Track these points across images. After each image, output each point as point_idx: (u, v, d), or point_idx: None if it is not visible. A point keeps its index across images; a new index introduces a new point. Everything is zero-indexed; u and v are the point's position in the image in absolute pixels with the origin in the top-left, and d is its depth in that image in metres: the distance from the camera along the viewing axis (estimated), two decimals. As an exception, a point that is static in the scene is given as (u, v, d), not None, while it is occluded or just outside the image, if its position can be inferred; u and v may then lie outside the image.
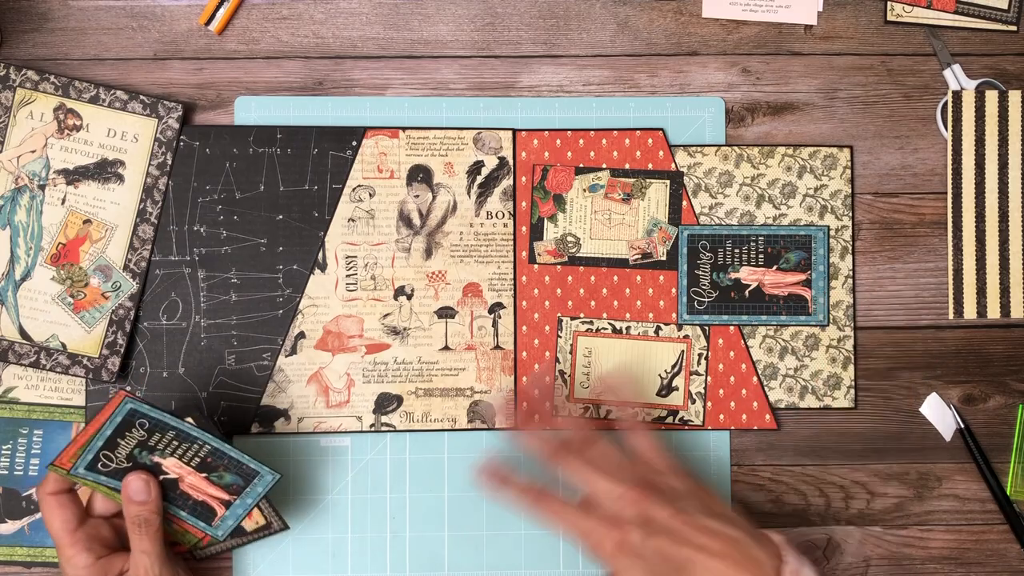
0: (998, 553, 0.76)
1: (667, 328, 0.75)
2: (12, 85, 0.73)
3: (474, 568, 0.74)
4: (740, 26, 0.77)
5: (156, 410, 0.63)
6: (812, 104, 0.77)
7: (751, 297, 0.75)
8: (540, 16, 0.77)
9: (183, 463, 0.66)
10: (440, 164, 0.75)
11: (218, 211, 0.74)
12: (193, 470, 0.66)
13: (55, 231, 0.73)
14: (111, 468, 0.65)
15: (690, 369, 0.75)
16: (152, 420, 0.63)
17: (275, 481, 0.66)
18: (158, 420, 0.64)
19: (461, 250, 0.75)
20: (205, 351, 0.74)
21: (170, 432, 0.64)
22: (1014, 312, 0.77)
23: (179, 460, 0.65)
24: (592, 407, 0.75)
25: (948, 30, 0.78)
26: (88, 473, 0.64)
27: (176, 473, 0.66)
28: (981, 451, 0.76)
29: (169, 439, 0.64)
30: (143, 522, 0.64)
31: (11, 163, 0.73)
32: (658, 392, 0.75)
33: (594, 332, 0.75)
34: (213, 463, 0.66)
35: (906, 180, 0.77)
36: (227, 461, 0.66)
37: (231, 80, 0.76)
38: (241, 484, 0.67)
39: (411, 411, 0.74)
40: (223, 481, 0.67)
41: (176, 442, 0.65)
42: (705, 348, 0.75)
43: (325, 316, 0.74)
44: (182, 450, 0.65)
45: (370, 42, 0.76)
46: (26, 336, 0.72)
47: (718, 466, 0.75)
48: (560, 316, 0.75)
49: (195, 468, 0.66)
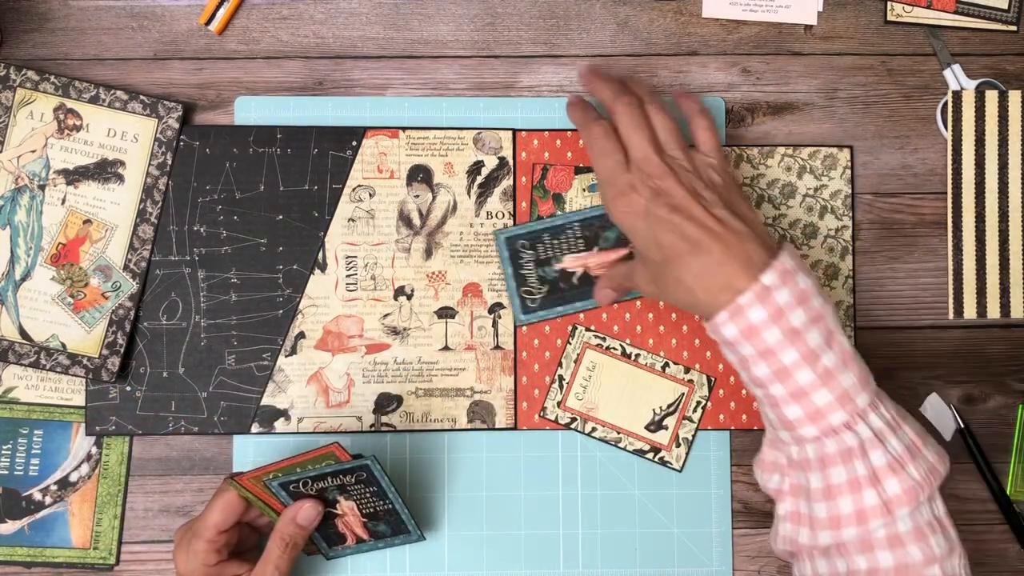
0: (998, 553, 0.76)
1: (675, 367, 0.75)
2: (12, 85, 0.73)
3: (474, 568, 0.74)
4: (740, 26, 0.77)
5: (384, 477, 0.65)
6: (812, 104, 0.77)
7: (581, 283, 0.75)
8: (540, 16, 0.77)
9: (358, 510, 0.68)
10: (440, 164, 0.75)
11: (218, 211, 0.74)
12: (360, 516, 0.68)
13: (55, 231, 0.73)
14: (298, 492, 0.66)
15: (684, 413, 0.75)
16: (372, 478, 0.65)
17: (416, 541, 0.70)
18: (377, 481, 0.65)
19: (461, 250, 0.75)
20: (205, 351, 0.74)
21: (373, 488, 0.66)
22: (1014, 312, 0.77)
23: (356, 505, 0.67)
24: (579, 419, 0.75)
25: (948, 30, 0.78)
26: (280, 489, 0.65)
27: (344, 514, 0.68)
28: (981, 451, 0.76)
29: (366, 491, 0.66)
30: (292, 543, 0.66)
31: (11, 163, 0.73)
32: (647, 425, 0.75)
33: (604, 349, 0.75)
34: (380, 514, 0.68)
35: (906, 180, 0.77)
36: (394, 517, 0.68)
37: (231, 80, 0.76)
38: (388, 534, 0.69)
39: (411, 411, 0.74)
40: (376, 528, 0.69)
41: (369, 495, 0.66)
42: (705, 398, 0.75)
43: (325, 316, 0.74)
44: (367, 501, 0.67)
45: (370, 42, 0.76)
46: (26, 336, 0.72)
47: (718, 466, 0.75)
48: (575, 325, 0.75)
49: (363, 514, 0.68)
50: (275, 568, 0.65)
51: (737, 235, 0.61)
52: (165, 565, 0.74)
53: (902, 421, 0.62)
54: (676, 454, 0.75)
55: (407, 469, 0.74)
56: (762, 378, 0.61)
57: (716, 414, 0.75)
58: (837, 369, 0.60)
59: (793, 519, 0.64)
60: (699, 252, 0.61)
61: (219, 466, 0.74)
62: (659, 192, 0.63)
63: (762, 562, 0.75)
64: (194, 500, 0.74)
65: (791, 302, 0.59)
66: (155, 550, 0.74)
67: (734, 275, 0.60)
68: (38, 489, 0.73)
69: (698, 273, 0.61)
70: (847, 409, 0.60)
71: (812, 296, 0.60)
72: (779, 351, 0.59)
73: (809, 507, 0.62)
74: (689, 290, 0.62)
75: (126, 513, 0.74)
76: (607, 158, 0.66)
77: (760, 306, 0.59)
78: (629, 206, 0.64)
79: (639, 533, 0.75)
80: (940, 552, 0.60)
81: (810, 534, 0.62)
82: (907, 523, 0.60)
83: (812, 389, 0.60)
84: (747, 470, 0.75)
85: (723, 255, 0.61)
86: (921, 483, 0.60)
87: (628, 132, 0.66)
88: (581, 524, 0.75)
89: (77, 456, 0.73)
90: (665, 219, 0.63)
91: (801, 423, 0.61)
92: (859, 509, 0.60)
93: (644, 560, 0.75)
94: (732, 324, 0.60)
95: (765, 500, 0.75)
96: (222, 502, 0.66)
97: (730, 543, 0.75)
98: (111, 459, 0.73)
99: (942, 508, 0.62)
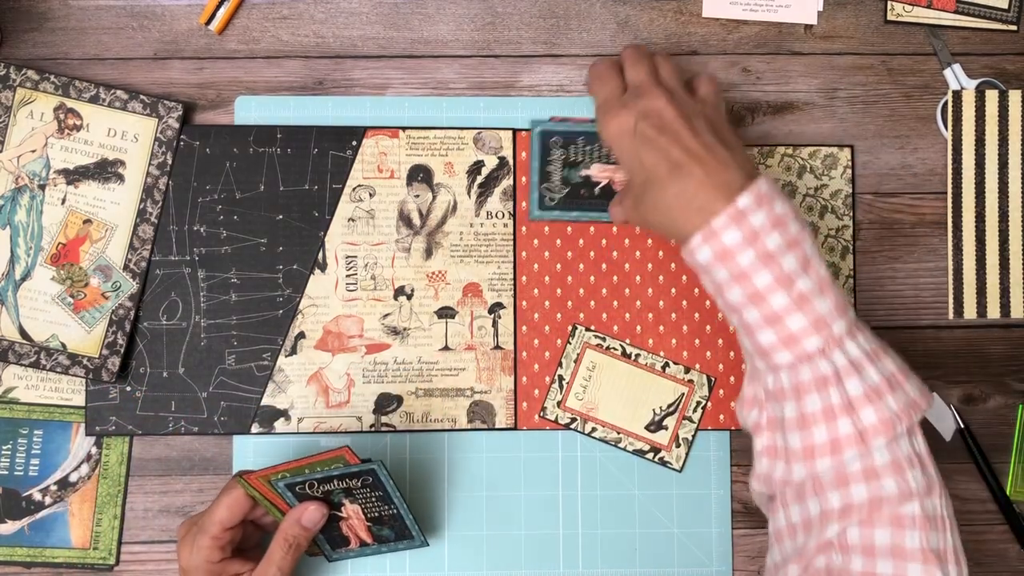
0: (998, 553, 0.76)
1: (675, 367, 0.75)
2: (12, 85, 0.73)
3: (474, 568, 0.74)
4: (740, 26, 0.77)
5: (390, 482, 0.65)
6: (812, 104, 0.77)
7: (602, 194, 0.75)
8: (540, 16, 0.77)
9: (363, 514, 0.68)
10: (440, 164, 0.75)
11: (218, 211, 0.74)
12: (365, 520, 0.68)
13: (55, 231, 0.73)
14: (303, 493, 0.66)
15: (684, 413, 0.75)
16: (378, 483, 0.65)
17: (420, 546, 0.70)
18: (383, 485, 0.65)
19: (461, 250, 0.75)
20: (205, 351, 0.74)
21: (378, 492, 0.66)
22: (1014, 312, 0.77)
23: (361, 509, 0.67)
24: (579, 419, 0.75)
25: (948, 30, 0.78)
26: (286, 490, 0.65)
27: (349, 517, 0.68)
28: (981, 451, 0.76)
29: (371, 496, 0.66)
30: (296, 545, 0.66)
31: (11, 163, 0.73)
32: (647, 425, 0.75)
33: (604, 349, 0.75)
34: (384, 519, 0.68)
35: (906, 180, 0.77)
36: (398, 522, 0.68)
37: (231, 80, 0.75)
38: (392, 539, 0.69)
39: (411, 411, 0.74)
40: (380, 532, 0.69)
41: (374, 500, 0.66)
42: (706, 398, 0.75)
43: (325, 316, 0.74)
44: (372, 505, 0.67)
45: (370, 42, 0.76)
46: (26, 336, 0.72)
47: (718, 466, 0.75)
48: (576, 325, 0.75)
49: (367, 518, 0.68)
50: (278, 569, 0.65)
51: (720, 161, 0.61)
52: (165, 565, 0.74)
53: (883, 353, 0.61)
54: (676, 454, 0.75)
55: (407, 469, 0.74)
56: (736, 303, 0.60)
57: (716, 414, 0.75)
58: (813, 294, 0.59)
59: (769, 453, 0.62)
60: (680, 175, 0.61)
61: (219, 466, 0.74)
62: (649, 112, 0.63)
63: (762, 562, 0.75)
64: (194, 500, 0.74)
65: (766, 225, 0.59)
66: (155, 550, 0.74)
67: (711, 199, 0.60)
68: (38, 489, 0.73)
69: (676, 195, 0.61)
70: (822, 335, 0.59)
71: (789, 222, 0.60)
72: (752, 274, 0.59)
73: (784, 439, 0.61)
74: (666, 213, 0.62)
75: (126, 513, 0.74)
76: (605, 84, 0.67)
77: (735, 228, 0.59)
78: (619, 125, 0.64)
79: (639, 533, 0.75)
80: (917, 487, 0.58)
81: (785, 468, 0.61)
82: (883, 455, 0.58)
83: (786, 313, 0.59)
84: (747, 470, 0.75)
85: (702, 179, 0.60)
86: (899, 414, 0.58)
87: (629, 65, 0.67)
88: (581, 524, 0.75)
89: (77, 456, 0.73)
90: (651, 139, 0.62)
91: (775, 349, 0.59)
92: (833, 438, 0.59)
93: (644, 560, 0.75)
94: (707, 246, 0.59)
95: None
96: (229, 499, 0.66)
97: (730, 543, 0.75)
98: (111, 459, 0.73)
99: (923, 445, 0.60)
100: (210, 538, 0.65)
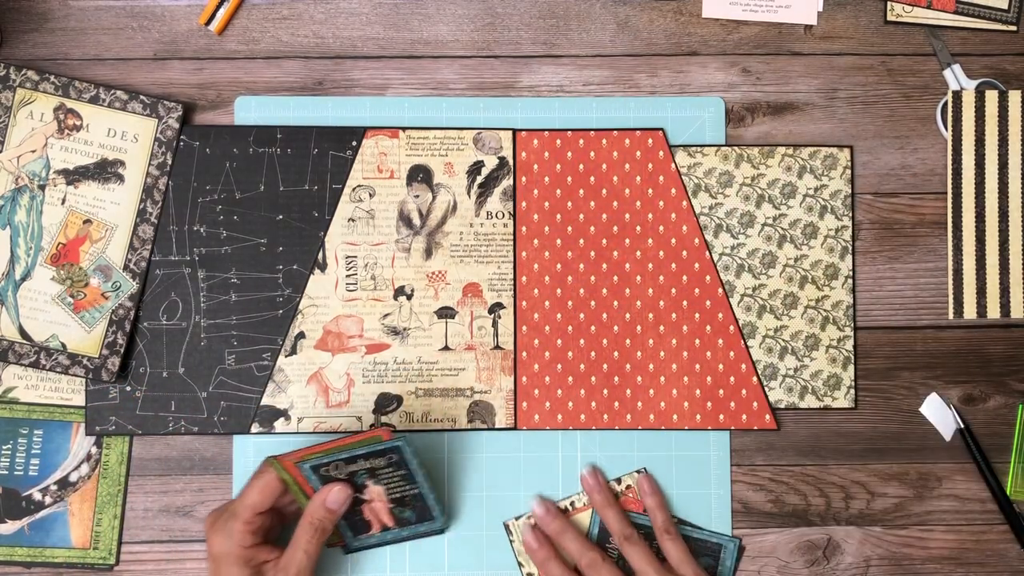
0: (998, 553, 0.76)
1: None
2: (12, 85, 0.73)
3: (474, 568, 0.74)
4: (740, 26, 0.77)
5: (415, 459, 0.66)
6: (812, 104, 0.77)
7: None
8: (540, 16, 0.77)
9: (385, 496, 0.68)
10: (440, 164, 0.75)
11: (218, 211, 0.74)
12: (387, 502, 0.68)
13: (55, 231, 0.73)
14: (328, 475, 0.66)
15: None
16: (403, 461, 0.66)
17: (442, 528, 0.71)
18: (408, 463, 0.66)
19: (461, 250, 0.75)
20: (205, 351, 0.74)
21: (402, 471, 0.66)
22: (1014, 312, 0.77)
23: (384, 490, 0.68)
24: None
25: (948, 30, 0.78)
26: (311, 473, 0.66)
27: (372, 499, 0.68)
28: (981, 451, 0.76)
29: (395, 475, 0.67)
30: (322, 528, 0.66)
31: (11, 163, 0.73)
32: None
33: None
34: (407, 500, 0.68)
35: (906, 180, 0.77)
36: (420, 503, 0.68)
37: (231, 80, 0.76)
38: (413, 521, 0.70)
39: (411, 411, 0.74)
40: (401, 514, 0.69)
41: (398, 479, 0.67)
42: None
43: (325, 316, 0.74)
44: (395, 485, 0.67)
45: (370, 42, 0.76)
46: (26, 336, 0.72)
47: (718, 466, 0.75)
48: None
49: (389, 500, 0.68)
50: (304, 552, 0.65)
51: None
52: (165, 565, 0.74)
53: None
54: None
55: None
56: None
57: (716, 414, 0.75)
58: None
59: None
60: None
61: (219, 466, 0.74)
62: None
63: (762, 562, 0.75)
64: (194, 500, 0.74)
65: None
66: (155, 550, 0.74)
67: None
68: (38, 489, 0.73)
69: None
70: None
71: None
72: None
73: None
74: None
75: (126, 513, 0.74)
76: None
77: None
78: None
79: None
80: None
81: None
82: None
83: None
84: (747, 470, 0.75)
85: None
86: None
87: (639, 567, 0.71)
88: (581, 524, 0.75)
89: (77, 456, 0.73)
90: None
91: None
92: None
93: (644, 560, 0.75)
94: None
95: (765, 500, 0.75)
96: (261, 483, 0.66)
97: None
98: (111, 459, 0.73)
99: None
100: (242, 523, 0.65)
